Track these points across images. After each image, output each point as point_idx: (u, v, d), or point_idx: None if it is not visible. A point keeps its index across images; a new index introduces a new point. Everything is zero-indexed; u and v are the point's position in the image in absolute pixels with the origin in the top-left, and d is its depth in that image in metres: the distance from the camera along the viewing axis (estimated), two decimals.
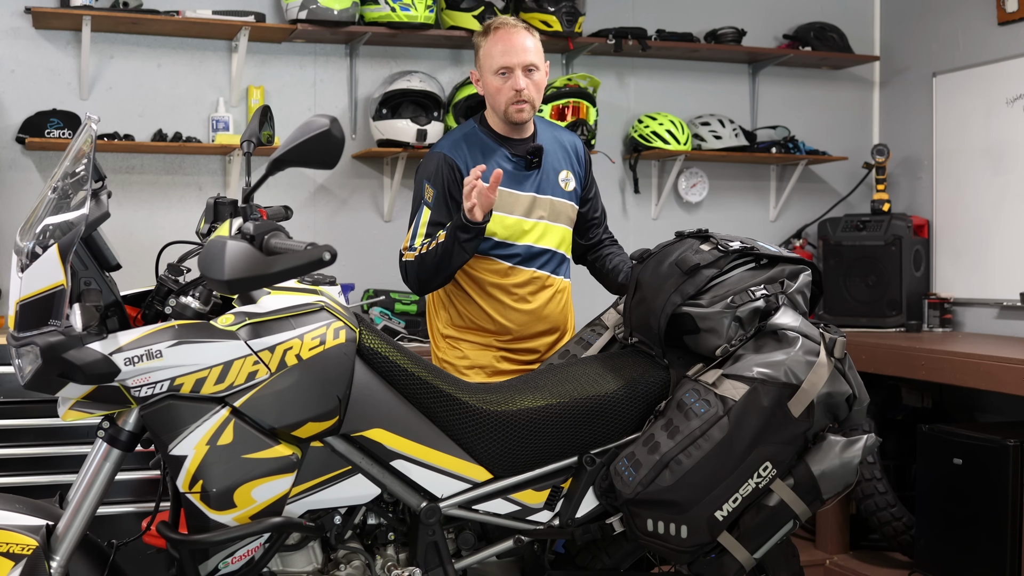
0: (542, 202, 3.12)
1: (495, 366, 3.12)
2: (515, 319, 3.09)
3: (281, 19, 4.40)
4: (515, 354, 3.13)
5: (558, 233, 3.16)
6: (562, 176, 3.16)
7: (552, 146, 3.18)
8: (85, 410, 2.20)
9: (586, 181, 3.26)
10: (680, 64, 5.05)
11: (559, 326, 3.18)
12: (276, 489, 2.25)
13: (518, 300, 3.09)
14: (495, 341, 3.11)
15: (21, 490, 2.97)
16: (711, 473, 2.40)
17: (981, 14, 4.74)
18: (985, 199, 4.73)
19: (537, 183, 3.12)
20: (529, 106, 3.07)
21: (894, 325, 4.71)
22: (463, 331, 3.14)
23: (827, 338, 2.49)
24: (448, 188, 3.05)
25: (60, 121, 4.08)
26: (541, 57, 3.10)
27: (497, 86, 3.06)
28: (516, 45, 3.04)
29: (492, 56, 3.06)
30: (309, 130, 2.24)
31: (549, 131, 3.23)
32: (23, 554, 2.18)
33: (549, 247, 3.14)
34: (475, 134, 3.15)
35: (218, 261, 2.08)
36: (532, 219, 3.10)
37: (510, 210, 3.07)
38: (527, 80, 3.04)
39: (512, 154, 3.11)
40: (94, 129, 2.29)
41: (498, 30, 3.07)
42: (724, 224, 4.92)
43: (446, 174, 3.06)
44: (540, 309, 3.12)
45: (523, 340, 3.12)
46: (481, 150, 3.10)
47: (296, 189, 4.48)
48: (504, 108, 3.07)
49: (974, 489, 3.77)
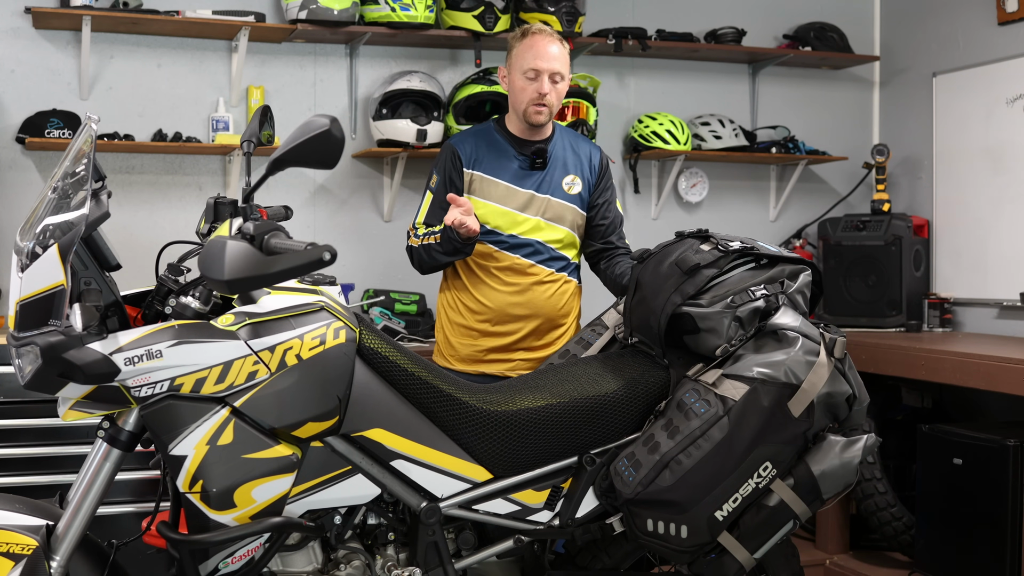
0: (540, 200, 3.30)
1: (476, 343, 3.32)
2: (493, 299, 3.27)
3: (281, 19, 4.40)
4: (493, 338, 3.30)
5: (554, 231, 3.31)
6: (567, 180, 3.33)
7: (564, 152, 3.37)
8: (85, 410, 2.21)
9: (596, 188, 3.38)
10: (680, 64, 5.05)
11: (540, 314, 3.29)
12: (276, 489, 2.25)
13: (499, 283, 3.28)
14: (475, 322, 3.31)
15: (21, 490, 2.97)
16: (711, 473, 2.40)
17: (981, 14, 4.74)
18: (985, 199, 4.73)
19: (539, 182, 3.30)
20: (548, 110, 3.26)
21: (894, 325, 4.71)
22: (453, 311, 3.37)
23: (827, 338, 2.50)
24: (449, 174, 3.31)
25: (60, 121, 4.08)
26: (567, 69, 3.29)
27: (522, 86, 3.25)
28: (548, 52, 3.23)
29: (524, 58, 3.25)
30: (309, 130, 2.24)
31: (568, 139, 3.41)
32: (23, 554, 2.19)
33: (539, 240, 3.29)
34: (489, 131, 3.38)
35: (218, 261, 2.08)
36: (526, 214, 3.28)
37: (504, 202, 3.28)
38: (552, 86, 3.23)
39: (519, 153, 3.31)
40: (94, 129, 2.29)
41: (535, 35, 3.26)
42: (724, 224, 4.92)
43: (448, 161, 3.32)
44: (518, 293, 3.27)
45: (501, 323, 3.29)
46: (488, 144, 3.33)
47: (296, 189, 4.48)
48: (524, 108, 3.26)
49: (974, 489, 3.77)
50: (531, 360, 3.29)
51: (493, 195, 3.27)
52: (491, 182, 3.29)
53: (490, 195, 3.28)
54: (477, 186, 3.29)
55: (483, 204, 3.27)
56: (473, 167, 3.29)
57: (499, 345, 3.30)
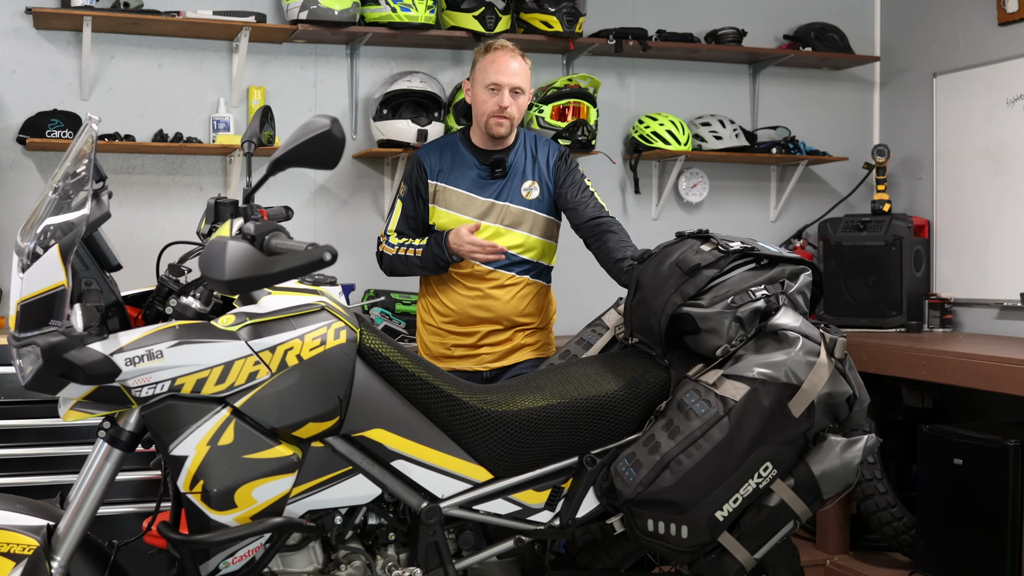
0: (499, 208, 3.44)
1: (445, 342, 3.49)
2: (456, 302, 3.43)
3: (282, 19, 4.41)
4: (458, 336, 3.46)
5: (514, 237, 3.44)
6: (525, 186, 3.46)
7: (525, 159, 3.49)
8: (86, 410, 2.21)
9: (555, 183, 3.47)
10: (680, 64, 5.05)
11: (500, 316, 3.43)
12: (277, 489, 2.26)
13: (460, 288, 3.43)
14: (442, 323, 3.47)
15: (22, 490, 2.97)
16: (712, 473, 2.40)
17: (981, 14, 4.74)
18: (985, 199, 4.73)
19: (498, 191, 3.44)
20: (509, 123, 3.40)
21: (894, 325, 4.71)
22: (425, 313, 3.54)
23: (827, 338, 2.50)
24: (416, 184, 3.48)
25: (61, 121, 4.08)
26: (528, 83, 3.45)
27: (484, 99, 3.40)
28: (509, 68, 3.39)
29: (487, 72, 3.40)
30: (310, 130, 2.24)
31: (529, 145, 3.51)
32: (24, 554, 2.19)
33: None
34: (454, 142, 3.53)
35: (219, 261, 2.08)
36: (486, 222, 3.41)
37: (464, 211, 3.42)
38: (511, 100, 3.38)
39: (480, 163, 3.46)
40: (95, 129, 2.29)
41: (497, 51, 3.41)
42: (724, 224, 4.92)
43: (415, 172, 3.50)
44: (479, 298, 3.42)
45: (463, 324, 3.44)
46: (453, 155, 3.48)
47: (297, 189, 4.49)
48: (485, 120, 3.41)
49: (974, 489, 3.77)
50: (495, 353, 3.45)
51: (455, 204, 3.43)
52: (453, 192, 3.44)
53: (452, 204, 3.43)
54: (440, 196, 3.45)
55: (445, 213, 3.43)
56: (437, 178, 3.45)
57: (464, 343, 3.46)
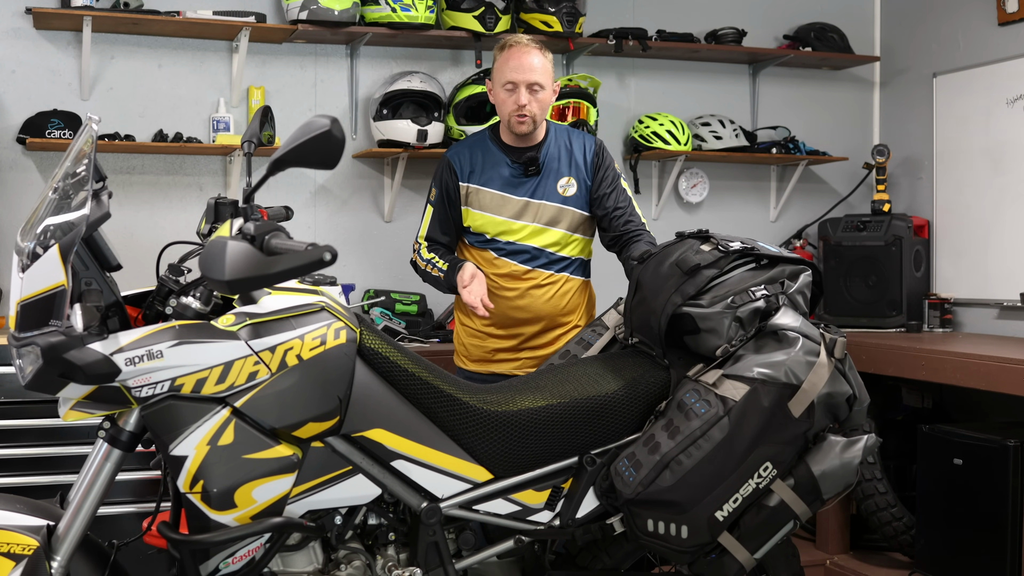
0: (535, 206, 3.35)
1: (485, 345, 3.43)
2: (495, 302, 3.29)
3: (282, 19, 4.41)
4: (499, 340, 3.40)
5: (551, 235, 3.36)
6: (562, 183, 3.37)
7: (559, 153, 3.39)
8: (86, 410, 2.21)
9: (594, 181, 3.39)
10: (680, 64, 5.05)
11: (541, 316, 3.37)
12: (277, 489, 2.26)
13: (499, 288, 3.35)
14: (482, 325, 3.40)
15: (22, 490, 2.97)
16: (712, 473, 2.40)
17: (981, 14, 4.74)
18: (985, 199, 4.73)
19: (533, 189, 3.36)
20: (530, 120, 3.29)
21: (894, 325, 4.71)
22: (464, 315, 3.47)
23: (827, 338, 2.50)
24: (446, 187, 3.40)
25: (61, 121, 4.08)
26: (549, 77, 3.32)
27: (503, 98, 3.32)
28: (525, 64, 3.28)
29: (503, 71, 3.31)
30: (310, 130, 2.24)
31: (563, 139, 3.42)
32: (24, 554, 2.19)
33: (535, 245, 3.35)
34: (483, 141, 3.44)
35: (219, 261, 2.08)
36: (522, 221, 3.35)
37: (499, 211, 3.35)
38: (530, 97, 3.27)
39: (512, 161, 3.36)
40: (95, 129, 2.29)
41: (512, 48, 3.32)
42: (724, 224, 4.92)
43: (445, 175, 3.41)
44: (517, 298, 3.35)
45: (504, 327, 3.38)
46: (483, 155, 3.39)
47: (297, 189, 4.49)
48: (507, 119, 3.33)
49: (974, 489, 3.78)
50: (536, 358, 3.38)
51: (488, 205, 3.36)
52: (486, 193, 3.37)
53: (486, 205, 3.36)
54: (473, 197, 3.37)
55: (479, 215, 3.36)
56: (468, 179, 3.38)
57: (505, 347, 3.40)
